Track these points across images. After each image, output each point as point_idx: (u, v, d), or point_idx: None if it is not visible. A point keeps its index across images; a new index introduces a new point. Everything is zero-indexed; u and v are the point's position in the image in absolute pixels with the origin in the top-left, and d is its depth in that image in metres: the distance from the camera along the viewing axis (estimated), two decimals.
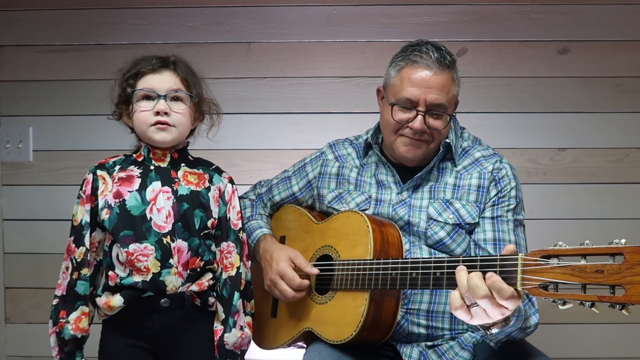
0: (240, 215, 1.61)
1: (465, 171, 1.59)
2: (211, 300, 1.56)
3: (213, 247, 1.57)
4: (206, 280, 1.54)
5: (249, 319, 1.58)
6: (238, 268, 1.57)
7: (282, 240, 1.73)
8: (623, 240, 1.01)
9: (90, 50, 2.26)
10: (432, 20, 2.24)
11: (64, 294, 1.51)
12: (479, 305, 1.16)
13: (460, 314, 1.20)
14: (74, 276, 1.50)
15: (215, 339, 1.54)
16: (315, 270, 1.54)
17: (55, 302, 1.51)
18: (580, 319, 2.16)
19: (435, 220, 1.54)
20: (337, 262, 1.52)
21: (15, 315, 2.30)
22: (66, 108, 2.27)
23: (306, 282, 1.53)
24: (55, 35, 2.26)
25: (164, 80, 1.51)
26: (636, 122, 2.22)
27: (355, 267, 1.45)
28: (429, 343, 1.52)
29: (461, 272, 1.20)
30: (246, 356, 2.12)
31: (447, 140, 1.58)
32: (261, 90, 2.26)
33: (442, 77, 1.51)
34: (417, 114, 1.52)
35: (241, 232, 1.60)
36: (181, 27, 2.26)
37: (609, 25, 2.21)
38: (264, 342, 1.72)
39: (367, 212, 1.58)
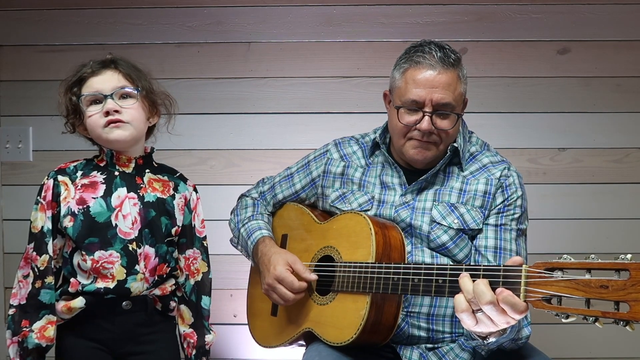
0: (203, 223, 1.65)
1: (472, 176, 1.58)
2: (172, 304, 1.59)
3: (175, 254, 1.59)
4: (169, 286, 1.57)
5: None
6: (205, 273, 1.63)
7: (284, 238, 1.73)
8: (629, 256, 1.01)
9: (90, 50, 2.24)
10: (432, 20, 2.24)
11: (22, 303, 1.47)
12: (485, 312, 1.16)
13: (465, 317, 1.19)
14: (37, 285, 1.46)
15: (191, 341, 1.60)
16: (314, 277, 1.53)
17: (11, 311, 1.47)
18: (578, 319, 2.16)
19: (438, 223, 1.53)
20: (338, 264, 1.51)
21: None
22: None
23: (305, 284, 1.52)
24: (55, 35, 2.26)
25: (107, 80, 1.49)
26: (636, 122, 2.22)
27: (357, 269, 1.44)
28: (429, 345, 1.52)
29: (465, 278, 1.19)
30: (247, 355, 2.13)
31: (455, 145, 1.57)
32: (261, 90, 2.26)
33: (446, 75, 1.49)
34: (423, 115, 1.50)
35: (205, 239, 1.65)
36: (181, 27, 2.26)
37: (609, 25, 2.21)
38: (264, 341, 1.72)
39: (369, 212, 1.58)
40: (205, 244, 1.65)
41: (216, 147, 2.27)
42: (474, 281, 1.18)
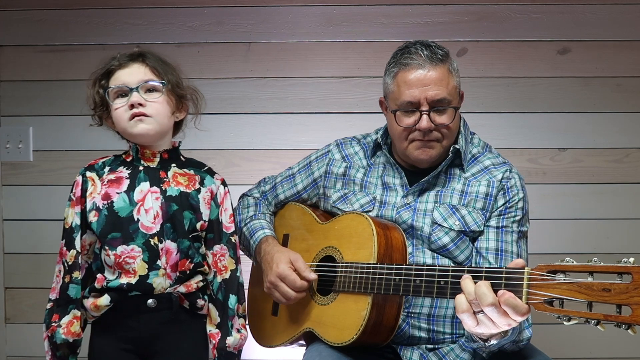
0: (232, 218, 1.59)
1: (474, 178, 1.57)
2: (200, 302, 1.54)
3: (202, 250, 1.56)
4: (195, 282, 1.53)
5: (242, 321, 1.58)
6: (233, 271, 1.56)
7: (285, 238, 1.73)
8: (631, 259, 1.01)
9: (90, 50, 2.25)
10: (432, 20, 2.24)
11: (57, 297, 1.49)
12: (486, 313, 1.16)
13: (466, 318, 1.19)
14: (66, 279, 1.48)
15: (214, 342, 1.53)
16: (313, 276, 1.53)
17: (49, 305, 1.50)
18: (580, 322, 2.16)
19: (439, 225, 1.53)
20: (340, 264, 1.51)
21: (15, 315, 2.30)
22: (66, 108, 2.27)
23: (307, 283, 1.52)
24: (55, 35, 2.26)
25: (133, 73, 1.49)
26: (636, 122, 2.22)
27: (359, 270, 1.44)
28: (430, 346, 1.52)
29: (466, 280, 1.19)
30: (246, 355, 2.13)
31: (457, 146, 1.56)
32: (261, 90, 2.26)
33: (436, 71, 1.50)
34: (421, 114, 1.51)
35: (234, 235, 1.59)
36: (181, 27, 2.26)
37: (609, 25, 2.22)
38: (264, 340, 1.72)
39: (371, 213, 1.58)
40: (233, 240, 1.58)
41: (216, 147, 2.27)
42: (475, 282, 1.18)
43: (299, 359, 1.54)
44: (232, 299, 1.55)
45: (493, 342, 1.24)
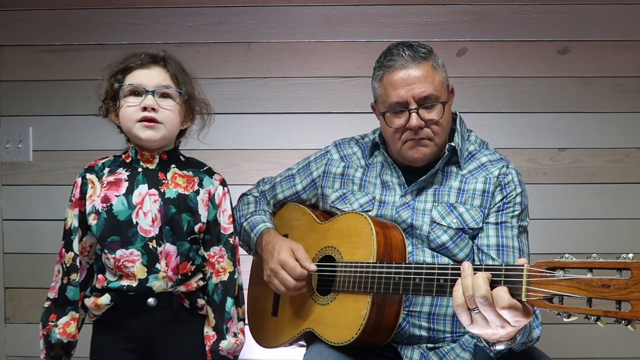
0: (231, 219, 1.57)
1: (471, 175, 1.58)
2: (201, 302, 1.54)
3: (201, 252, 1.54)
4: (195, 281, 1.52)
5: (241, 324, 1.55)
6: (231, 273, 1.54)
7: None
8: (630, 255, 1.00)
9: (90, 50, 2.26)
10: (432, 20, 2.24)
11: (56, 297, 1.49)
12: (479, 309, 1.16)
13: (461, 312, 1.19)
14: (64, 281, 1.48)
15: (208, 344, 1.51)
16: (313, 267, 1.53)
17: (47, 304, 1.49)
18: (580, 319, 2.16)
19: (438, 224, 1.53)
20: (339, 264, 1.51)
21: (15, 315, 2.30)
22: (66, 108, 2.27)
23: (305, 272, 1.52)
24: (55, 35, 2.26)
25: (152, 76, 1.48)
26: (636, 122, 2.22)
27: (358, 269, 1.44)
28: (430, 345, 1.52)
29: (467, 278, 1.19)
30: (247, 355, 2.12)
31: (453, 144, 1.57)
32: (261, 90, 2.26)
33: (420, 69, 1.51)
34: (410, 113, 1.51)
35: (232, 236, 1.56)
36: (181, 27, 2.26)
37: (609, 25, 2.22)
38: (264, 341, 1.72)
39: (370, 213, 1.58)
40: (231, 242, 1.55)
41: (216, 147, 2.26)
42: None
43: (299, 359, 1.54)
44: (229, 302, 1.52)
45: (499, 347, 1.23)
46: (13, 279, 2.30)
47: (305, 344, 1.64)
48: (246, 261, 1.85)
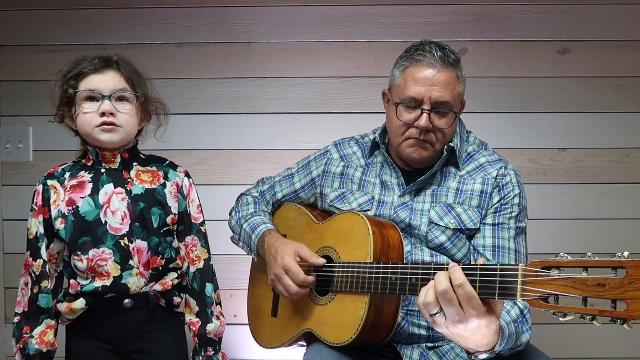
0: (199, 208, 1.61)
1: (469, 176, 1.58)
2: (177, 300, 1.56)
3: (175, 243, 1.56)
4: (170, 280, 1.54)
5: (219, 308, 1.60)
6: (206, 260, 1.59)
7: None
8: (626, 253, 1.00)
9: (90, 50, 2.23)
10: (432, 20, 2.24)
11: (26, 310, 1.48)
12: (440, 303, 1.17)
13: (425, 309, 1.19)
14: (35, 290, 1.48)
15: (194, 329, 1.55)
16: (321, 261, 1.53)
17: (16, 319, 1.49)
18: (576, 318, 2.16)
19: (436, 224, 1.53)
20: (337, 264, 1.51)
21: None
22: None
23: (310, 278, 1.52)
24: (55, 35, 2.26)
25: (107, 81, 1.48)
26: (636, 122, 2.22)
27: (355, 269, 1.44)
28: (430, 344, 1.52)
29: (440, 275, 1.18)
30: (247, 356, 2.12)
31: (452, 145, 1.57)
32: (261, 90, 2.26)
33: (445, 74, 1.50)
34: (422, 112, 1.51)
35: (203, 224, 1.60)
36: (181, 27, 2.26)
37: (609, 25, 2.22)
38: (264, 341, 1.72)
39: (369, 213, 1.58)
40: (203, 230, 1.60)
41: (216, 147, 2.27)
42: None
43: (299, 359, 1.54)
44: (209, 287, 1.57)
45: (481, 357, 1.21)
46: (13, 279, 2.29)
47: (305, 344, 1.64)
48: (246, 261, 1.85)
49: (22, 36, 2.26)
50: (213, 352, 1.57)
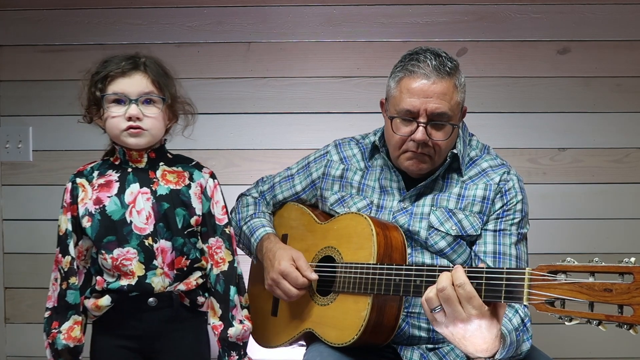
0: (225, 210, 1.59)
1: (471, 181, 1.56)
2: (201, 300, 1.55)
3: (199, 245, 1.55)
4: (194, 279, 1.53)
5: (245, 312, 1.58)
6: (230, 262, 1.56)
7: (284, 238, 1.73)
8: (633, 259, 1.00)
9: (90, 50, 2.25)
10: (432, 20, 2.23)
11: (55, 305, 1.50)
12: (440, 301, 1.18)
13: (426, 304, 1.20)
14: (63, 286, 1.49)
15: (217, 333, 1.54)
16: (314, 276, 1.53)
17: (47, 314, 1.50)
18: (586, 323, 2.16)
19: (436, 229, 1.52)
20: (339, 265, 1.51)
21: (15, 315, 2.30)
22: (66, 108, 2.26)
23: (314, 276, 1.52)
24: (55, 35, 2.26)
25: (134, 84, 1.47)
26: (636, 122, 2.22)
27: (358, 270, 1.44)
28: (430, 345, 1.52)
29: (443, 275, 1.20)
30: None
31: (455, 151, 1.55)
32: (261, 90, 2.26)
33: (441, 85, 1.46)
34: (418, 126, 1.48)
35: (228, 226, 1.58)
36: (181, 27, 2.26)
37: (609, 25, 2.22)
38: (264, 341, 1.72)
39: None
40: (228, 232, 1.57)
41: (216, 147, 2.27)
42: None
43: (299, 359, 1.54)
44: (232, 290, 1.55)
45: None
46: (13, 279, 2.29)
47: (305, 343, 1.64)
48: (246, 261, 1.85)
49: (22, 36, 2.26)
50: (237, 356, 1.55)
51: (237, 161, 2.27)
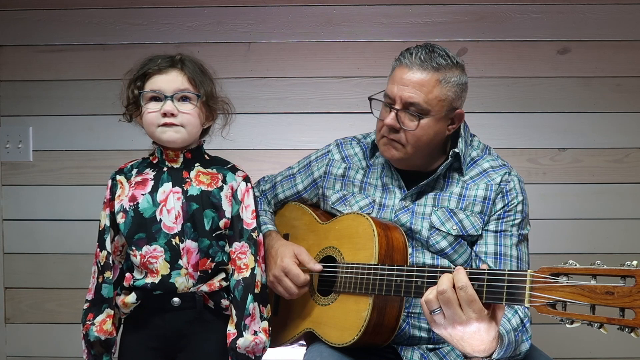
0: (255, 214, 1.55)
1: (472, 181, 1.56)
2: (225, 302, 1.52)
3: (227, 248, 1.53)
4: (217, 281, 1.51)
5: (265, 324, 1.51)
6: (252, 269, 1.51)
7: (285, 238, 1.72)
8: (635, 262, 1.01)
9: (90, 50, 2.25)
10: (432, 20, 2.24)
11: (93, 297, 1.52)
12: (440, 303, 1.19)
13: (426, 305, 1.22)
14: (99, 280, 1.51)
15: (228, 342, 1.49)
16: (318, 267, 1.53)
17: (85, 306, 1.52)
18: (588, 326, 2.16)
19: (437, 229, 1.52)
20: (340, 265, 1.51)
21: (15, 315, 2.30)
22: (66, 108, 2.27)
23: (309, 278, 1.52)
24: (55, 35, 2.26)
25: (170, 81, 1.49)
26: (636, 122, 2.22)
27: (360, 271, 1.44)
28: (430, 346, 1.52)
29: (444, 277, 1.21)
30: None
31: (457, 150, 1.56)
32: (261, 90, 2.26)
33: (420, 75, 1.47)
34: (390, 110, 1.51)
35: (255, 232, 1.54)
36: (181, 27, 2.26)
37: (609, 25, 2.22)
38: None
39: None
40: (255, 237, 1.53)
41: (216, 147, 2.26)
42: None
43: (299, 359, 1.54)
44: (250, 299, 1.49)
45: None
46: (13, 279, 2.29)
47: (305, 343, 1.64)
48: None
49: (22, 36, 2.26)
50: None
51: (237, 161, 2.24)
